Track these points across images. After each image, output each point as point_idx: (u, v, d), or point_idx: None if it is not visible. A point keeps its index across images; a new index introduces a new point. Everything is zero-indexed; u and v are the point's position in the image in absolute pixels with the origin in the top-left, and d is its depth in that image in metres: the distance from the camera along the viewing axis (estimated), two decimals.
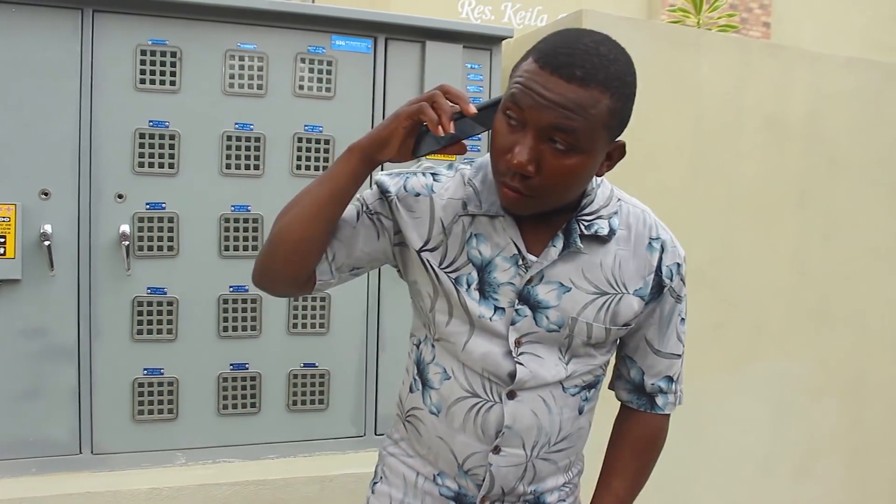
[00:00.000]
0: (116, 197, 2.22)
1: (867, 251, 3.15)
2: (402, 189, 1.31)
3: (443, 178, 1.32)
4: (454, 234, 1.28)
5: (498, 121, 1.17)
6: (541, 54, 1.13)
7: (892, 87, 3.13)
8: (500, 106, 1.17)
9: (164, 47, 2.23)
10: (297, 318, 2.40)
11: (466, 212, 1.28)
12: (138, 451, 2.30)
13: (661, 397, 1.43)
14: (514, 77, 1.16)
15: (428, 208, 1.30)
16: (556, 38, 1.15)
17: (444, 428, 1.32)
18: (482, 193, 1.28)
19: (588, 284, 1.28)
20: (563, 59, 1.10)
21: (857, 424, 3.21)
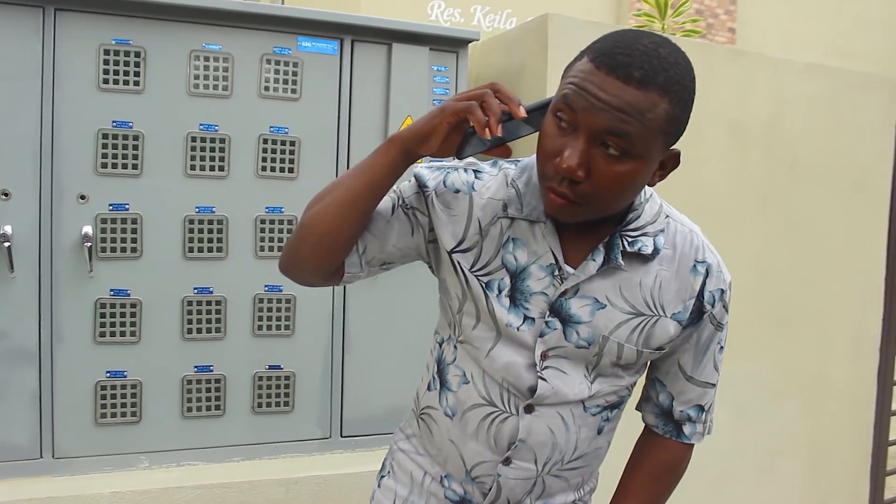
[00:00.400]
0: (79, 198, 2.20)
1: (827, 254, 3.21)
2: (441, 184, 1.25)
3: (485, 176, 1.26)
4: (491, 236, 1.23)
5: (547, 122, 1.11)
6: (597, 54, 1.07)
7: (850, 93, 3.19)
8: (551, 107, 1.12)
9: (128, 47, 2.21)
10: (262, 319, 2.39)
11: (506, 214, 1.22)
12: (101, 455, 2.27)
13: (688, 426, 1.39)
14: (566, 77, 1.10)
15: (466, 206, 1.24)
16: (613, 37, 1.08)
17: (456, 432, 1.29)
18: (525, 196, 1.22)
19: (624, 303, 1.21)
20: (621, 60, 1.04)
21: (818, 424, 3.26)
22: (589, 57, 1.08)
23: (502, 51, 2.72)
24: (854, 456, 3.41)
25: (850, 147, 3.22)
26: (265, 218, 2.37)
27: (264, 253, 2.37)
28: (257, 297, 2.38)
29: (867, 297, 3.36)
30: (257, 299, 2.38)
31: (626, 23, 9.23)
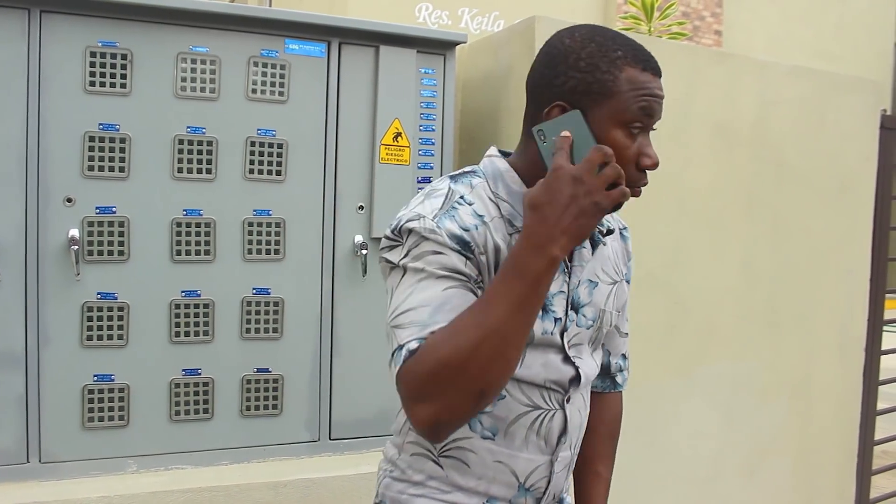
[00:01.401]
0: (65, 201, 2.19)
1: (813, 255, 3.23)
2: (464, 233, 1.17)
3: (472, 199, 1.22)
4: None
5: (619, 136, 1.18)
6: (641, 62, 1.19)
7: (835, 95, 3.22)
8: (624, 120, 1.18)
9: (115, 49, 2.20)
10: (251, 322, 2.38)
11: (517, 229, 1.22)
12: (88, 459, 2.26)
13: (620, 375, 1.55)
14: (625, 91, 1.17)
15: (488, 236, 1.20)
16: (623, 41, 1.21)
17: (503, 450, 1.27)
18: (517, 205, 1.24)
19: (606, 276, 1.37)
20: (655, 61, 1.21)
21: (805, 424, 3.29)
22: (641, 67, 1.19)
23: (489, 53, 2.73)
24: (840, 455, 3.43)
25: (836, 149, 3.24)
26: (253, 221, 2.36)
27: (252, 256, 2.37)
28: (245, 299, 2.37)
29: (852, 298, 3.39)
30: (245, 302, 2.37)
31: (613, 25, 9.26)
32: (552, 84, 1.21)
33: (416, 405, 1.09)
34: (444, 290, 1.13)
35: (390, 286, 1.20)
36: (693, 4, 12.45)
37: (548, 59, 1.23)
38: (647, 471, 2.87)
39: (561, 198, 1.08)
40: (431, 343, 1.08)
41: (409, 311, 1.13)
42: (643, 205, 2.79)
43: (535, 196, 1.09)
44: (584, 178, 1.08)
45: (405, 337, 1.11)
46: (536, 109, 1.24)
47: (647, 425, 2.85)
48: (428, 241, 1.15)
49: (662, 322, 2.86)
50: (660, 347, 2.86)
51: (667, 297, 2.86)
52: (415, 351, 1.09)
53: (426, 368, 1.07)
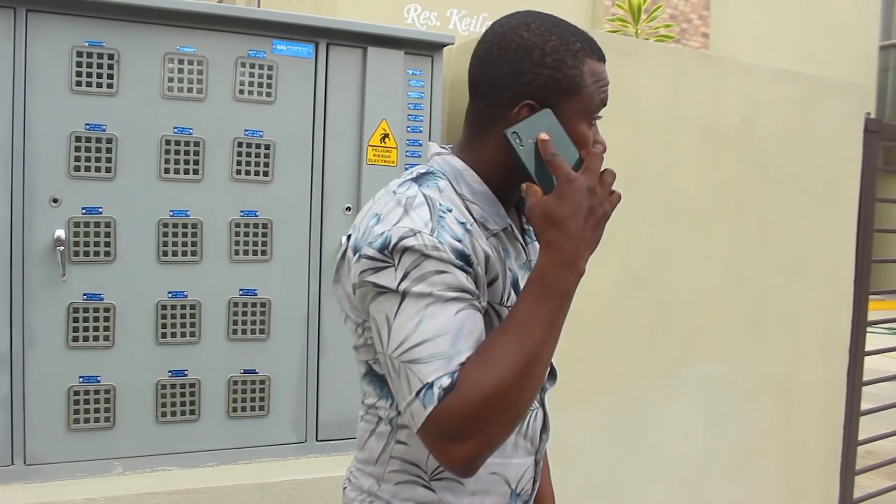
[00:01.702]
0: (51, 201, 2.18)
1: (797, 257, 3.25)
2: (463, 241, 1.11)
3: (448, 204, 1.15)
4: (499, 260, 1.19)
5: (585, 130, 1.19)
6: (597, 51, 1.19)
7: (820, 98, 3.25)
8: (588, 114, 1.20)
9: (101, 49, 2.19)
10: (237, 323, 2.38)
11: (490, 231, 1.19)
12: (74, 461, 2.25)
13: None
14: (589, 85, 1.17)
15: (472, 245, 1.13)
16: (573, 29, 1.20)
17: (496, 459, 1.20)
18: (484, 206, 1.20)
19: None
20: (599, 46, 1.20)
21: (789, 424, 3.31)
22: (596, 57, 1.19)
23: None
24: (824, 455, 3.46)
25: (820, 152, 3.27)
26: (240, 221, 2.36)
27: (239, 257, 2.36)
28: (232, 300, 2.37)
29: (837, 300, 3.41)
30: (232, 303, 2.37)
31: (601, 27, 9.31)
32: (516, 82, 1.17)
33: (454, 444, 1.01)
34: (456, 314, 1.06)
35: (382, 314, 1.09)
36: (681, 7, 12.51)
37: (506, 55, 1.18)
38: (633, 471, 2.88)
39: (581, 210, 1.07)
40: (469, 376, 1.02)
41: (425, 342, 1.04)
42: (628, 205, 2.81)
43: (556, 210, 1.06)
44: (596, 189, 1.08)
45: (431, 373, 1.03)
46: (496, 108, 1.19)
47: (633, 425, 2.86)
48: (430, 259, 1.07)
49: (648, 322, 2.88)
50: (645, 348, 2.87)
51: (652, 297, 2.88)
52: (449, 388, 1.01)
53: (470, 404, 1.00)
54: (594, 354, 2.75)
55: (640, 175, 2.80)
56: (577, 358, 2.68)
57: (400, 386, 1.06)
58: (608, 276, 2.76)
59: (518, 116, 1.16)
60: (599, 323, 2.74)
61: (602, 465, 2.83)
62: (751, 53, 12.84)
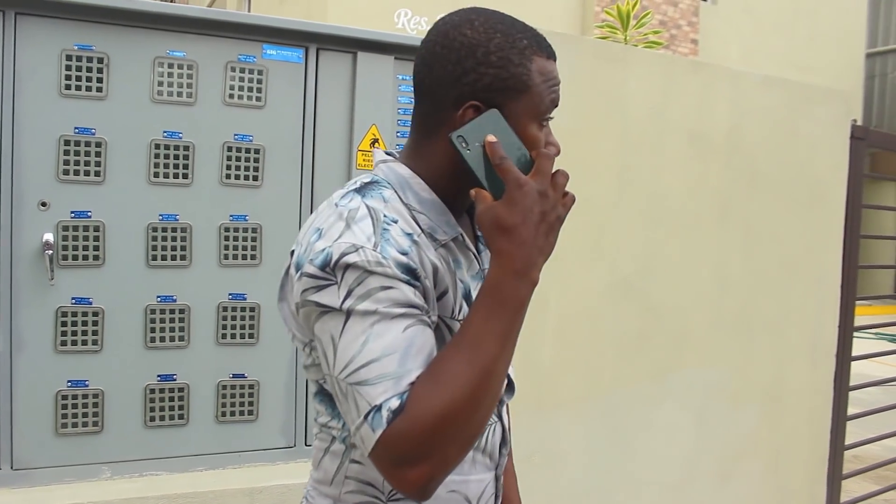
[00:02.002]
0: (40, 205, 2.17)
1: (784, 263, 3.27)
2: (410, 253, 1.05)
3: (393, 215, 1.08)
4: (447, 272, 1.11)
5: (535, 131, 1.11)
6: (543, 48, 1.12)
7: (806, 105, 3.27)
8: (537, 115, 1.12)
9: (91, 53, 2.19)
10: (227, 328, 2.38)
11: (439, 242, 1.12)
12: (61, 466, 2.24)
13: None
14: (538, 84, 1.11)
15: (420, 257, 1.06)
16: (521, 26, 1.13)
17: (455, 478, 1.14)
18: (432, 216, 1.13)
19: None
20: (549, 43, 1.14)
21: (776, 429, 3.33)
22: (546, 54, 1.12)
23: None
24: (811, 460, 3.47)
25: (807, 159, 3.29)
26: (229, 226, 2.36)
27: (228, 261, 2.36)
28: (221, 305, 2.37)
29: (823, 306, 3.43)
30: (221, 308, 2.37)
31: (590, 33, 9.35)
32: (460, 82, 1.10)
33: (406, 468, 0.96)
34: (403, 332, 1.00)
35: (327, 334, 1.03)
36: (670, 13, 12.58)
37: (449, 54, 1.10)
38: (622, 475, 2.89)
39: (532, 216, 1.01)
40: (419, 397, 0.96)
41: (372, 363, 0.98)
42: (617, 212, 2.83)
43: (505, 217, 1.01)
44: (548, 192, 1.03)
45: (379, 395, 0.97)
46: (440, 110, 1.12)
47: (621, 430, 2.87)
48: (374, 275, 1.00)
49: (635, 328, 2.89)
50: (633, 353, 2.88)
51: (640, 303, 2.89)
52: (398, 410, 0.96)
53: (421, 426, 0.95)
54: (582, 359, 2.76)
55: (628, 181, 2.82)
56: (566, 363, 2.69)
57: (348, 408, 1.01)
58: (596, 282, 2.77)
59: (463, 118, 1.09)
60: (587, 328, 2.75)
61: (590, 469, 2.83)
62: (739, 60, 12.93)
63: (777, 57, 13.77)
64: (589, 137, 2.71)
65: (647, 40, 5.75)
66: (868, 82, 17.38)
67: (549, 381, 2.66)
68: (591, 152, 2.72)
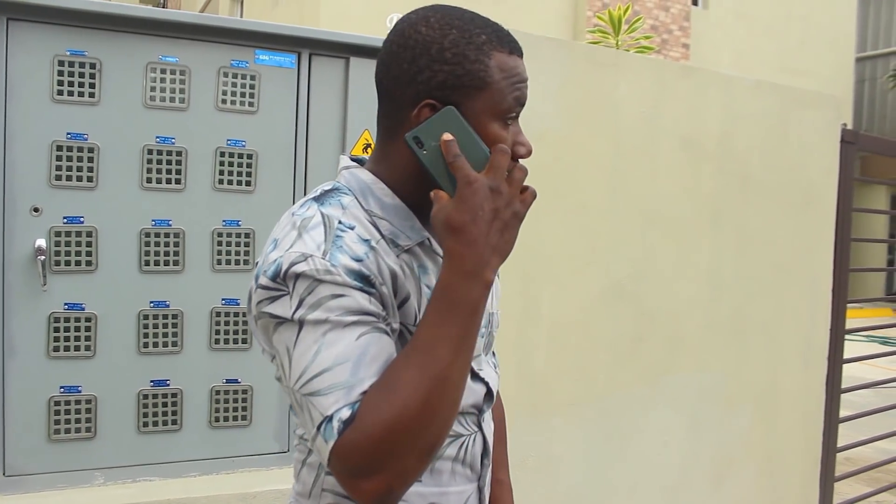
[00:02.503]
0: (32, 210, 2.17)
1: (777, 267, 3.29)
2: (365, 260, 1.02)
3: (350, 222, 1.06)
4: (409, 278, 1.09)
5: (497, 130, 1.07)
6: (507, 43, 1.08)
7: (798, 110, 3.29)
8: (499, 112, 1.08)
9: (83, 58, 2.19)
10: (220, 333, 2.38)
11: (402, 248, 1.09)
12: (54, 472, 2.23)
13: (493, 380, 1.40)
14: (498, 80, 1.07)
15: (377, 263, 1.04)
16: (481, 21, 1.09)
17: (433, 489, 1.13)
18: (395, 221, 1.10)
19: None
20: (515, 39, 1.09)
21: (769, 432, 3.34)
22: (507, 50, 1.08)
23: None
24: (804, 462, 3.49)
25: (798, 163, 3.31)
26: (222, 231, 2.36)
27: (221, 266, 2.36)
28: (214, 310, 2.37)
29: (815, 309, 3.45)
30: (214, 313, 2.37)
31: (582, 38, 9.38)
32: (415, 80, 1.07)
33: (361, 480, 0.94)
34: (357, 339, 0.98)
35: (283, 345, 1.01)
36: (661, 18, 12.63)
37: (404, 52, 1.08)
38: (616, 479, 2.89)
39: (483, 214, 0.98)
40: (370, 406, 0.94)
41: (324, 373, 0.96)
42: (609, 216, 2.83)
43: (455, 217, 0.98)
44: (500, 188, 0.99)
45: (330, 405, 0.95)
46: (397, 110, 1.10)
47: (615, 434, 2.87)
48: (324, 283, 0.98)
49: (629, 332, 2.90)
50: (627, 357, 2.89)
51: (633, 307, 2.90)
52: (349, 420, 0.94)
53: (371, 437, 0.92)
54: (576, 364, 2.76)
55: (620, 186, 2.82)
56: (559, 367, 2.70)
57: (304, 420, 0.99)
58: (590, 286, 2.78)
59: (419, 118, 1.06)
60: (581, 332, 2.76)
61: (584, 473, 2.83)
62: (731, 64, 12.98)
63: (768, 61, 13.84)
64: (581, 142, 2.72)
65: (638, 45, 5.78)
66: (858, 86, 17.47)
67: (544, 385, 2.67)
68: (583, 157, 2.73)
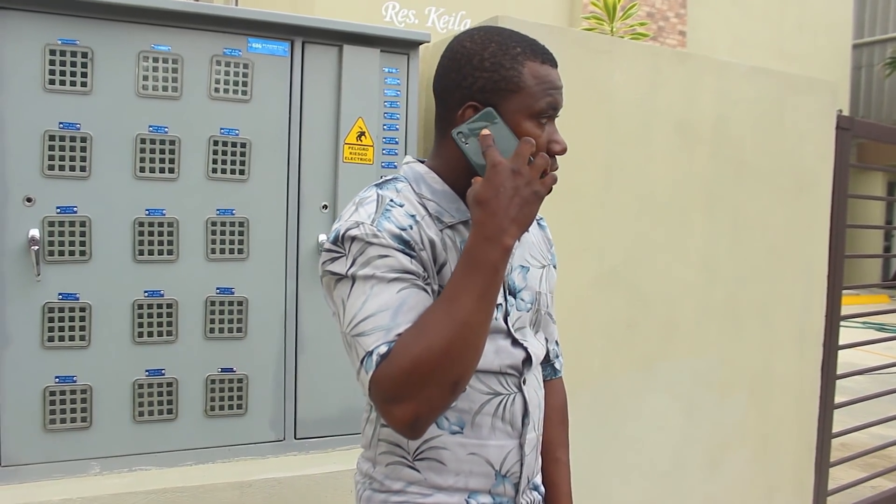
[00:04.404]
0: (25, 200, 2.16)
1: (771, 252, 3.29)
2: (402, 233, 1.22)
3: (401, 201, 1.28)
4: (449, 249, 1.28)
5: (531, 128, 1.26)
6: (539, 56, 1.28)
7: (793, 95, 3.28)
8: (533, 113, 1.26)
9: (75, 47, 2.18)
10: (214, 322, 2.38)
11: (445, 224, 1.29)
12: (50, 462, 2.24)
13: (557, 361, 1.60)
14: (532, 86, 1.26)
15: (419, 234, 1.25)
16: (518, 37, 1.29)
17: (473, 441, 1.31)
18: (443, 203, 1.31)
19: (535, 260, 1.44)
20: (549, 53, 1.30)
21: (764, 417, 3.35)
22: (540, 60, 1.28)
23: None
24: (799, 448, 3.50)
25: (793, 148, 3.31)
26: (216, 220, 2.36)
27: (215, 255, 2.36)
28: (209, 299, 2.36)
29: (810, 294, 3.45)
30: (209, 302, 2.36)
31: (577, 25, 9.36)
32: (461, 86, 1.28)
33: (393, 406, 1.13)
34: (398, 293, 1.18)
35: (340, 298, 1.22)
36: (657, 5, 12.59)
37: (452, 63, 1.30)
38: (610, 464, 2.90)
39: (505, 191, 1.16)
40: (403, 343, 1.13)
41: (369, 317, 1.17)
42: (604, 202, 2.83)
43: (480, 192, 1.16)
44: (521, 170, 1.17)
45: (372, 343, 1.15)
46: (448, 112, 1.32)
47: (610, 419, 2.88)
48: (372, 245, 1.20)
49: (624, 318, 2.90)
50: (622, 343, 2.89)
51: (628, 293, 2.90)
52: (386, 354, 1.13)
53: (402, 368, 1.11)
54: (571, 349, 2.76)
55: (615, 172, 2.82)
56: None
57: (352, 359, 1.20)
58: (584, 272, 2.78)
59: (463, 117, 1.27)
60: (576, 318, 2.76)
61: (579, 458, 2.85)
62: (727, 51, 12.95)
63: (765, 48, 13.81)
64: (575, 129, 2.71)
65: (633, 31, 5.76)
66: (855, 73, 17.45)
67: None
68: (577, 144, 2.72)
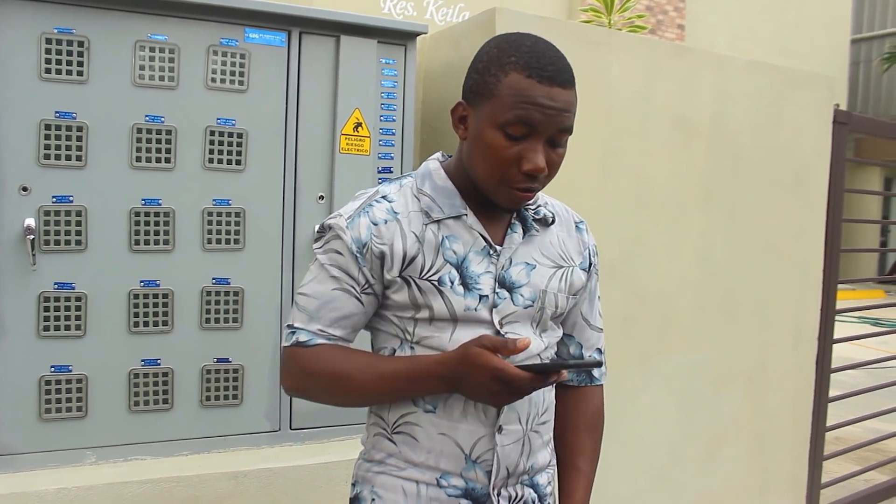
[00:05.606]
0: (21, 189, 2.16)
1: (768, 247, 3.29)
2: (371, 227, 1.35)
3: (393, 197, 1.39)
4: (428, 242, 1.35)
5: (495, 137, 1.27)
6: (531, 70, 1.25)
7: (790, 90, 3.28)
8: (498, 123, 1.26)
9: (71, 36, 2.17)
10: (210, 312, 2.37)
11: (432, 219, 1.36)
12: (45, 451, 2.24)
13: (596, 369, 1.60)
14: (504, 96, 1.25)
15: (397, 229, 1.35)
16: (528, 48, 1.27)
17: (444, 422, 1.35)
18: (437, 199, 1.37)
19: (547, 260, 1.44)
20: (553, 70, 1.25)
21: (760, 411, 3.36)
22: (524, 74, 1.25)
23: (451, 44, 2.74)
24: (794, 441, 3.51)
25: (791, 143, 3.31)
26: (212, 210, 2.35)
27: (211, 245, 2.36)
28: (205, 289, 2.36)
29: (806, 289, 3.46)
30: (205, 292, 2.36)
31: (576, 18, 9.33)
32: (464, 83, 1.36)
33: (285, 376, 1.37)
34: (332, 290, 1.35)
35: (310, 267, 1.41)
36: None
37: (471, 61, 1.37)
38: (606, 458, 2.90)
39: (473, 382, 1.26)
40: (320, 354, 1.34)
41: (305, 295, 1.37)
42: (602, 196, 2.83)
43: (457, 370, 1.27)
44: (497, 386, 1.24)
45: (297, 321, 1.37)
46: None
47: (607, 414, 2.87)
48: (337, 239, 1.35)
49: (620, 312, 2.90)
50: (618, 337, 2.89)
51: (625, 287, 2.90)
52: (303, 343, 1.35)
53: (301, 368, 1.34)
54: None
55: (612, 165, 2.82)
56: None
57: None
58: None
59: (455, 112, 1.36)
60: None
61: None
62: (726, 45, 12.94)
63: (764, 42, 13.80)
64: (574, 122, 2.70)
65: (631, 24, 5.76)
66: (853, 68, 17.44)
67: None
68: (575, 137, 2.70)
